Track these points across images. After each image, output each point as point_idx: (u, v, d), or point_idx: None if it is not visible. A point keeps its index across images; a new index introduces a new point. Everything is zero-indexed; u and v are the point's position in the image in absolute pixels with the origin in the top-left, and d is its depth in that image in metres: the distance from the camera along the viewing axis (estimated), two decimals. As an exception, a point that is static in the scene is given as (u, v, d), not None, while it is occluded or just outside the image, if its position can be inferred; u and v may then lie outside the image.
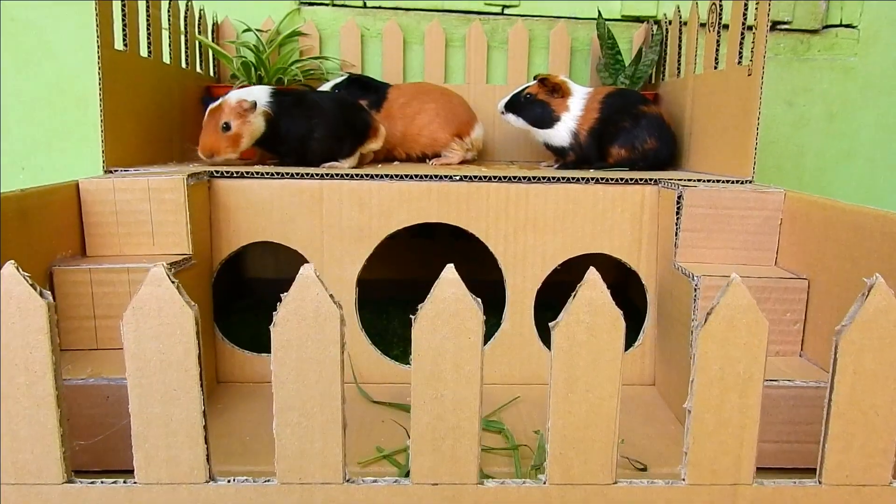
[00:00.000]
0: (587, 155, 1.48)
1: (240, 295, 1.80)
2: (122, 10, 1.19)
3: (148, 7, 1.30)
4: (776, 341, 1.01)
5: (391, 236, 1.19)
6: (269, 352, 0.63)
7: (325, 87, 1.61)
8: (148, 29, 1.30)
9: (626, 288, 1.77)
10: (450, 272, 0.56)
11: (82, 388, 0.86)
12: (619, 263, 1.21)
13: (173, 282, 0.52)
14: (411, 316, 0.61)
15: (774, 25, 1.78)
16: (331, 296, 0.61)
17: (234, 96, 1.30)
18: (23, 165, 1.81)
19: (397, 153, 1.61)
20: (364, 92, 1.59)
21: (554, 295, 1.41)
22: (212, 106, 1.29)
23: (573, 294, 0.52)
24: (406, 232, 1.19)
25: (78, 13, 1.73)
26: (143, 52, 1.28)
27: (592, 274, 0.50)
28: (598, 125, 1.44)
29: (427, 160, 1.62)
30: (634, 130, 1.40)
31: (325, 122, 1.36)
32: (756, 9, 1.19)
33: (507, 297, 1.20)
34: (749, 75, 1.19)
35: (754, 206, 1.07)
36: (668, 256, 1.13)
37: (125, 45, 1.20)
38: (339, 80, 1.62)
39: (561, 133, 1.47)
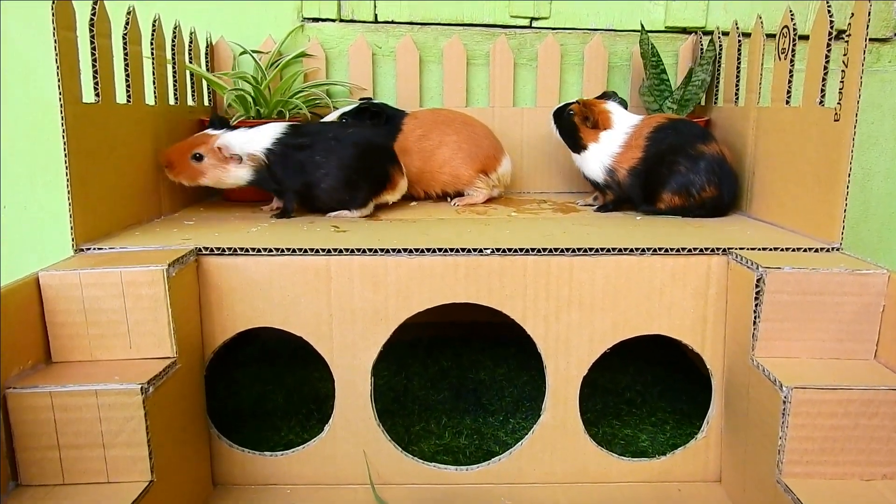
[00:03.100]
0: (630, 196, 1.30)
1: (244, 341, 1.64)
2: (92, 54, 1.01)
3: (125, 44, 1.12)
4: (883, 462, 0.83)
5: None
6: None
7: (332, 116, 1.43)
8: (126, 69, 1.12)
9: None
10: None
11: (40, 553, 0.71)
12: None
13: None
14: None
15: (839, 35, 1.56)
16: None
17: (225, 140, 1.18)
18: (5, 203, 1.65)
19: (415, 191, 1.43)
20: (376, 121, 1.41)
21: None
22: (206, 131, 1.21)
23: None
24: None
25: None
26: (121, 95, 1.11)
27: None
28: (641, 165, 1.26)
29: (448, 199, 1.45)
30: (691, 175, 1.21)
31: (336, 171, 1.21)
32: (847, 39, 0.99)
33: (547, 386, 1.03)
34: (836, 121, 0.99)
35: (850, 292, 0.88)
36: (741, 344, 0.95)
37: (97, 95, 1.03)
38: (347, 108, 1.44)
39: (591, 165, 1.33)
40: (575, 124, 1.33)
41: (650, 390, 1.38)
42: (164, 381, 0.85)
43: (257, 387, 1.39)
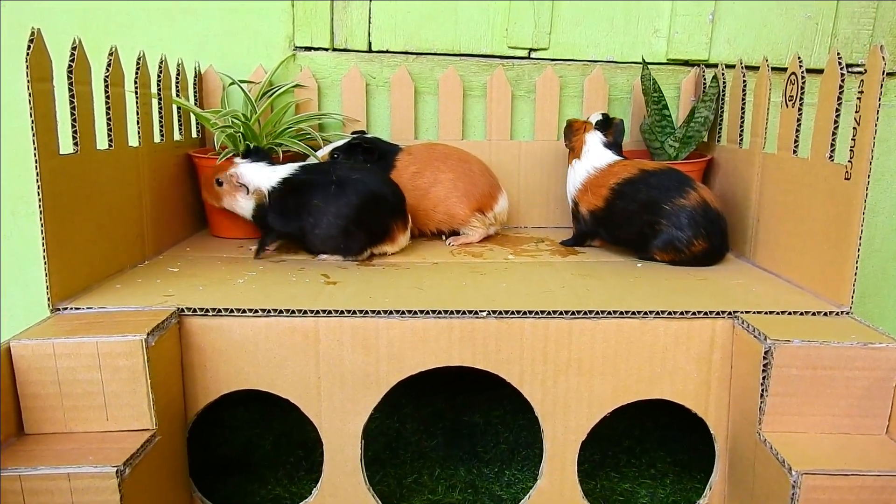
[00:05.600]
0: (592, 235, 1.34)
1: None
2: (71, 102, 0.97)
3: (106, 86, 1.07)
4: (895, 550, 0.79)
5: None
6: None
7: (323, 151, 1.39)
8: (108, 112, 1.07)
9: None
10: None
11: None
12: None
13: None
14: None
15: (848, 68, 1.52)
16: None
17: (238, 170, 1.22)
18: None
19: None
20: (368, 158, 1.37)
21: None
22: (230, 156, 1.28)
23: None
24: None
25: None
26: (102, 140, 1.06)
27: None
28: (603, 213, 1.27)
29: (443, 237, 1.40)
30: (674, 231, 1.17)
31: (331, 218, 1.17)
32: (860, 91, 0.95)
33: (544, 451, 0.99)
34: (847, 179, 0.95)
35: (862, 366, 0.84)
36: (747, 413, 0.91)
37: (75, 144, 0.98)
38: (339, 143, 1.39)
39: (567, 189, 1.37)
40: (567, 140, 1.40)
41: (649, 437, 1.35)
42: (143, 458, 0.81)
43: (245, 431, 1.34)
